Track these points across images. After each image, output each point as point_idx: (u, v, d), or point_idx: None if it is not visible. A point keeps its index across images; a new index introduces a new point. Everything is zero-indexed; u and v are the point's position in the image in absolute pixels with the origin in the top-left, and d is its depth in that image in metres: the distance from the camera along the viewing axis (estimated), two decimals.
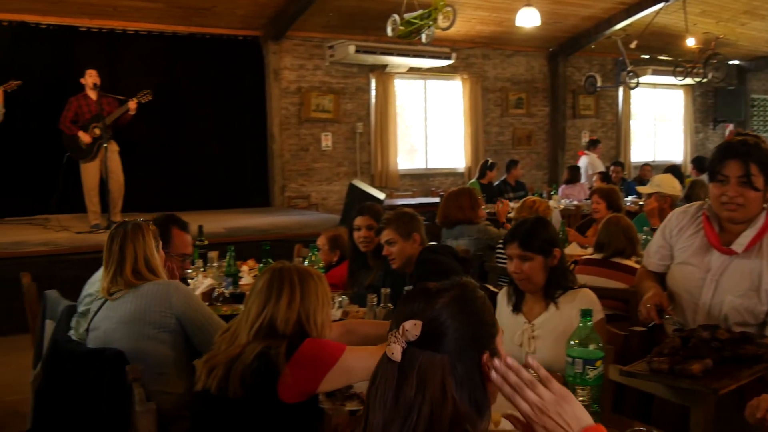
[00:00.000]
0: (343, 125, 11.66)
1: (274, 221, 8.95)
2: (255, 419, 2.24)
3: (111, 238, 3.07)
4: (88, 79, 7.97)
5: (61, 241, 7.26)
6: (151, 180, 10.00)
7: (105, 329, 2.93)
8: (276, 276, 2.39)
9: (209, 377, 2.27)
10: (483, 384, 1.40)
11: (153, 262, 3.06)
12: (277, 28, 10.67)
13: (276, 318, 2.31)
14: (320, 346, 2.30)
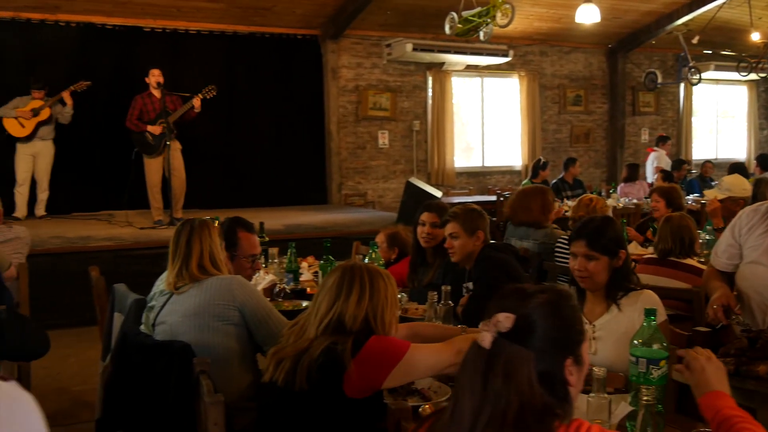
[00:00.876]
0: (399, 123, 11.70)
1: (331, 218, 9.03)
2: (319, 413, 2.28)
3: (178, 234, 3.15)
4: (152, 79, 8.17)
5: (126, 237, 7.45)
6: (212, 177, 10.18)
7: (171, 323, 3.00)
8: (347, 274, 2.43)
9: (277, 370, 2.32)
10: (565, 387, 1.45)
11: (217, 258, 3.13)
12: (336, 27, 10.75)
13: (344, 315, 2.36)
14: (386, 343, 2.34)
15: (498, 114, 12.86)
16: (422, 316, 3.48)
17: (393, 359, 2.30)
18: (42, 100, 8.48)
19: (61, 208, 9.05)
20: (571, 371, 1.46)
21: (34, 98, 8.48)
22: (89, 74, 8.96)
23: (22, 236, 4.69)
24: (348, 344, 2.28)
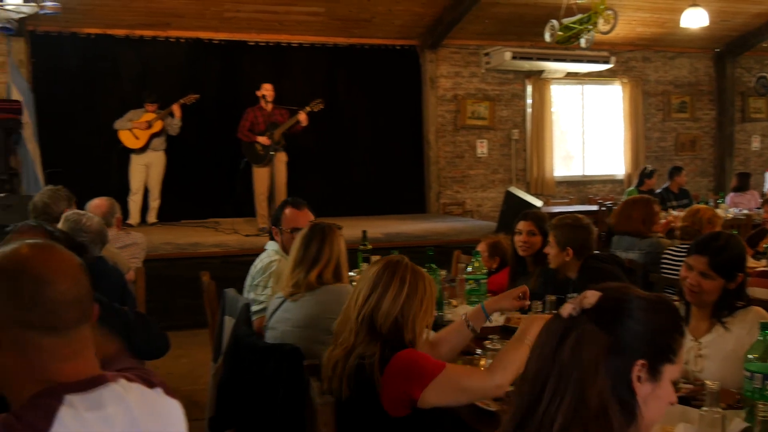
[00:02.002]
0: (498, 132, 11.65)
1: (430, 227, 9.07)
2: (363, 423, 2.32)
3: (307, 239, 3.17)
4: (263, 92, 8.46)
5: (232, 243, 7.71)
6: (313, 186, 10.36)
7: (282, 331, 3.10)
8: (389, 267, 2.40)
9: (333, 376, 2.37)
10: (631, 394, 1.34)
11: (343, 269, 3.17)
12: (434, 37, 10.81)
13: (378, 310, 2.34)
14: (416, 357, 2.29)
15: (599, 122, 12.63)
16: None
17: (425, 377, 2.23)
18: (154, 113, 8.87)
19: (171, 215, 9.42)
20: (640, 376, 1.34)
21: (147, 111, 8.87)
22: (197, 88, 9.32)
23: (139, 242, 4.93)
24: (376, 356, 2.27)
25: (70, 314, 1.36)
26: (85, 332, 1.40)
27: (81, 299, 1.38)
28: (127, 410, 1.34)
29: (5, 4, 4.61)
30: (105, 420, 1.30)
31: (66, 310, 1.35)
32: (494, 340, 3.02)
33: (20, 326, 1.33)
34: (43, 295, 1.33)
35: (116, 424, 1.31)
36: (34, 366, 1.33)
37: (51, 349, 1.34)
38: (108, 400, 1.33)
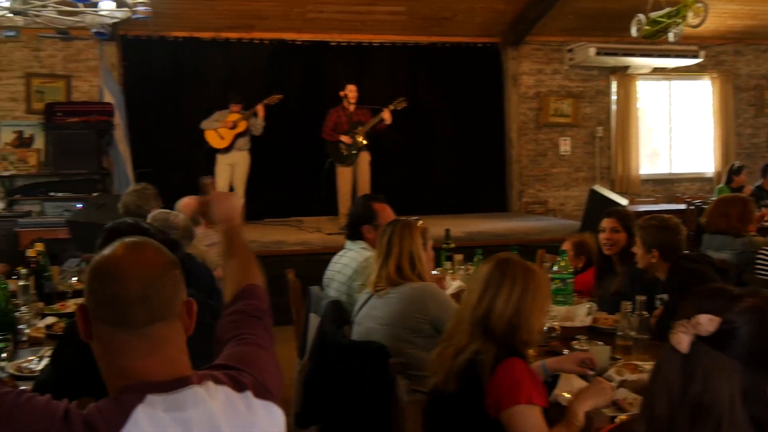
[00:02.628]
0: (582, 129, 11.45)
1: (512, 226, 8.99)
2: (466, 419, 2.30)
3: (383, 234, 3.23)
4: (347, 93, 8.54)
5: (315, 242, 7.81)
6: (395, 185, 10.38)
7: (367, 327, 3.13)
8: (500, 266, 2.36)
9: (439, 372, 2.35)
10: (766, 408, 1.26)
11: (418, 262, 3.18)
12: (516, 34, 10.70)
13: (492, 311, 2.30)
14: (516, 377, 2.22)
15: (687, 118, 12.26)
16: (613, 326, 3.42)
17: (513, 398, 2.19)
18: (239, 113, 9.05)
19: (256, 214, 9.59)
20: None
21: (232, 112, 9.06)
22: (280, 88, 9.47)
23: None
24: (490, 355, 2.25)
25: (137, 313, 1.38)
26: (162, 331, 1.41)
27: (150, 299, 1.39)
28: (207, 414, 1.35)
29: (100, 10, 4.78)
30: (182, 422, 1.32)
31: (131, 308, 1.37)
32: (582, 341, 2.97)
33: (99, 320, 1.39)
34: (109, 291, 1.38)
35: (193, 428, 1.33)
36: (114, 359, 1.38)
37: (123, 345, 1.38)
38: (189, 402, 1.35)
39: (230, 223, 2.00)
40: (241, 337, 1.62)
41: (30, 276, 4.16)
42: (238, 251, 1.96)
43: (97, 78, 9.59)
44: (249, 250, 1.97)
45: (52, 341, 3.45)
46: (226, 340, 1.63)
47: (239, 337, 1.62)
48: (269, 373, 1.56)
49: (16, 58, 9.48)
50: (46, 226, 8.24)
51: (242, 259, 1.93)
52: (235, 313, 1.73)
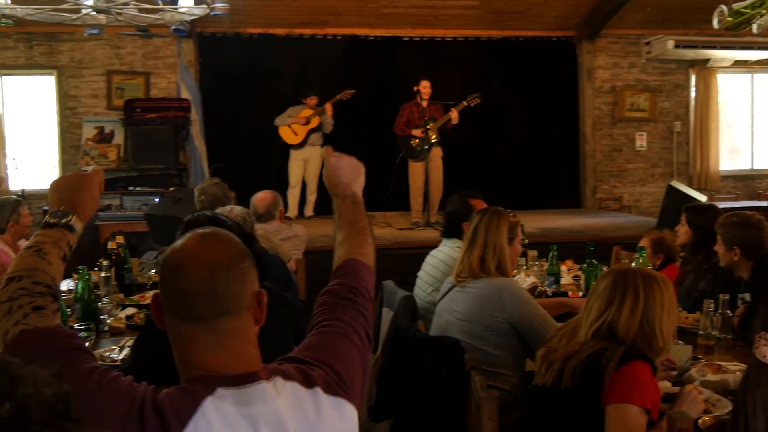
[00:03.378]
0: (659, 124, 11.17)
1: (586, 222, 8.84)
2: (580, 416, 2.26)
3: (470, 222, 3.22)
4: (421, 89, 8.53)
5: (386, 237, 7.82)
6: (466, 180, 10.30)
7: (446, 320, 3.11)
8: (620, 279, 2.33)
9: (547, 372, 2.32)
10: None
11: (501, 255, 3.14)
12: (591, 27, 10.50)
13: (616, 323, 2.27)
14: (637, 377, 2.18)
15: None
16: (693, 325, 3.33)
17: (625, 395, 2.15)
18: (312, 109, 9.13)
19: (327, 209, 9.61)
20: None
21: (306, 106, 9.14)
22: (353, 84, 9.52)
23: (300, 234, 5.08)
24: (617, 354, 2.20)
25: (202, 306, 1.37)
26: (229, 324, 1.39)
27: (216, 293, 1.38)
28: (274, 412, 1.34)
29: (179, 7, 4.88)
30: (249, 418, 1.32)
31: (195, 302, 1.37)
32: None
33: (168, 312, 1.40)
34: (175, 284, 1.38)
35: (260, 423, 1.32)
36: (183, 350, 1.39)
37: (190, 338, 1.38)
38: (257, 398, 1.34)
39: (347, 189, 1.94)
40: (323, 325, 1.60)
41: (111, 268, 4.29)
42: (348, 222, 1.90)
43: (174, 75, 9.81)
44: (362, 222, 1.89)
45: (132, 331, 3.55)
46: (311, 327, 1.62)
47: (321, 324, 1.60)
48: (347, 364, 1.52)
49: (97, 56, 9.78)
50: (125, 219, 8.48)
51: (350, 230, 1.87)
52: (327, 293, 1.69)
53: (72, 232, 1.64)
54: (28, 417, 0.73)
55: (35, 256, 1.54)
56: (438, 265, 3.96)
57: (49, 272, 1.52)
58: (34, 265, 1.52)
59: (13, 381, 0.75)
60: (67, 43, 9.67)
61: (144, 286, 4.64)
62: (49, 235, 1.60)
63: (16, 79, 9.98)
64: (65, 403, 0.77)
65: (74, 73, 9.78)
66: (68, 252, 1.61)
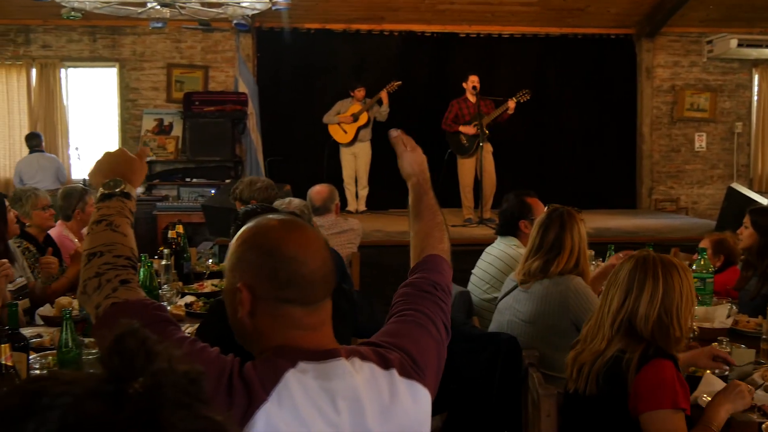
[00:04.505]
0: (719, 125, 10.93)
1: (642, 224, 8.70)
2: (609, 422, 2.23)
3: (545, 225, 3.14)
4: (470, 84, 8.47)
5: None
6: (521, 178, 10.25)
7: (508, 320, 3.10)
8: (639, 266, 2.27)
9: (579, 378, 2.28)
10: None
11: (581, 256, 3.09)
12: (652, 25, 10.33)
13: (636, 314, 2.22)
14: (662, 377, 2.15)
15: None
16: (755, 330, 3.26)
17: (655, 401, 2.11)
18: (360, 104, 9.16)
19: (380, 204, 9.69)
20: None
21: (354, 100, 9.17)
22: (407, 79, 9.53)
23: (355, 228, 5.12)
24: (635, 356, 2.16)
25: (320, 290, 1.44)
26: (329, 305, 1.48)
27: (327, 276, 1.46)
28: (351, 388, 1.38)
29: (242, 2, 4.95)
30: (327, 391, 1.35)
31: (316, 287, 1.43)
32: (724, 343, 2.86)
33: (277, 299, 1.43)
34: (297, 274, 1.41)
35: (338, 398, 1.36)
36: (280, 332, 1.43)
37: (300, 319, 1.43)
38: (335, 374, 1.38)
39: (420, 176, 1.97)
40: (401, 314, 1.64)
41: (171, 256, 4.38)
42: (424, 213, 1.92)
43: (232, 68, 9.95)
44: (436, 213, 1.92)
45: (191, 319, 3.63)
46: (389, 317, 1.66)
47: (399, 314, 1.65)
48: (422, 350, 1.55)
49: (158, 50, 9.97)
50: (181, 210, 8.63)
51: (427, 222, 1.90)
52: (408, 286, 1.74)
53: (129, 200, 1.67)
54: (160, 394, 0.73)
55: (108, 230, 1.58)
56: (494, 262, 3.95)
57: (126, 244, 1.57)
58: (112, 240, 1.56)
59: (149, 356, 0.76)
60: (129, 36, 9.88)
61: (202, 275, 4.73)
62: (111, 207, 1.63)
63: (80, 71, 10.23)
64: (197, 383, 0.78)
65: (136, 66, 9.99)
66: (132, 219, 1.66)
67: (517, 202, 4.02)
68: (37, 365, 2.73)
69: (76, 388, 0.72)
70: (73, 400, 0.70)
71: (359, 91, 9.18)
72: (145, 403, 0.72)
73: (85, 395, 0.71)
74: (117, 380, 0.73)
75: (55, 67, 9.80)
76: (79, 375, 0.75)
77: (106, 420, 0.70)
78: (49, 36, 9.86)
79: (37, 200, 4.51)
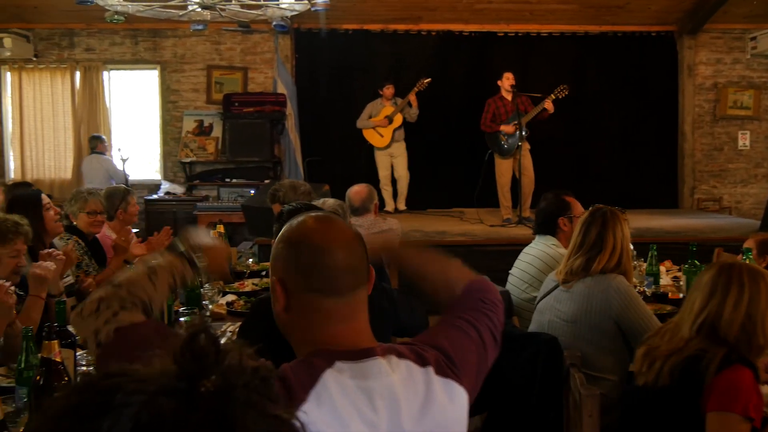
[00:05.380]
0: (763, 123, 10.73)
1: (683, 223, 8.58)
2: (678, 415, 2.21)
3: (587, 224, 3.11)
4: (505, 82, 8.43)
5: (477, 233, 7.80)
6: (558, 177, 10.16)
7: (549, 320, 3.08)
8: (724, 272, 2.26)
9: (649, 371, 2.27)
10: None
11: (625, 256, 3.06)
12: (694, 22, 10.18)
13: (719, 318, 2.21)
14: (740, 385, 2.12)
15: None
16: None
17: (727, 404, 2.09)
18: (392, 106, 9.16)
19: (418, 204, 9.70)
20: None
21: (384, 100, 9.17)
22: (444, 79, 9.55)
23: (394, 227, 5.12)
24: (717, 357, 2.14)
25: (347, 280, 1.46)
26: (362, 295, 1.50)
27: (355, 267, 1.47)
28: (388, 386, 1.39)
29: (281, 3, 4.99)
30: (365, 390, 1.37)
31: (342, 276, 1.45)
32: None
33: (306, 290, 1.45)
34: (320, 262, 1.44)
35: (375, 397, 1.37)
36: (313, 326, 1.46)
37: (331, 310, 1.45)
38: (372, 372, 1.39)
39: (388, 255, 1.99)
40: (441, 320, 1.66)
41: None
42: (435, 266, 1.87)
43: (271, 70, 10.04)
44: (439, 255, 1.88)
45: (232, 317, 3.67)
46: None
47: (441, 320, 1.66)
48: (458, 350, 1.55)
49: (198, 52, 10.09)
50: (221, 210, 8.72)
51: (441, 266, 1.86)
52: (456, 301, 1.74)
53: (193, 269, 1.71)
54: (232, 393, 0.74)
55: (145, 275, 1.61)
56: (533, 262, 3.93)
57: (150, 293, 1.59)
58: (141, 284, 1.59)
59: (220, 354, 0.77)
60: (170, 39, 10.01)
61: (242, 275, 4.78)
62: (169, 260, 1.68)
63: (122, 74, 10.40)
64: (267, 381, 0.79)
65: (176, 68, 10.12)
66: (178, 284, 1.69)
67: (555, 200, 4.01)
68: (84, 362, 2.78)
69: (150, 385, 0.73)
70: (147, 398, 0.71)
71: (388, 88, 9.19)
72: (217, 402, 0.73)
73: (159, 393, 0.72)
74: (189, 378, 0.74)
75: (98, 70, 9.98)
76: (151, 371, 0.76)
77: (179, 418, 0.71)
78: (92, 39, 10.04)
79: (85, 204, 4.60)
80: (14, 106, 10.07)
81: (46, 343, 2.17)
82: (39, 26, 9.92)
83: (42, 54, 10.04)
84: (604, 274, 3.02)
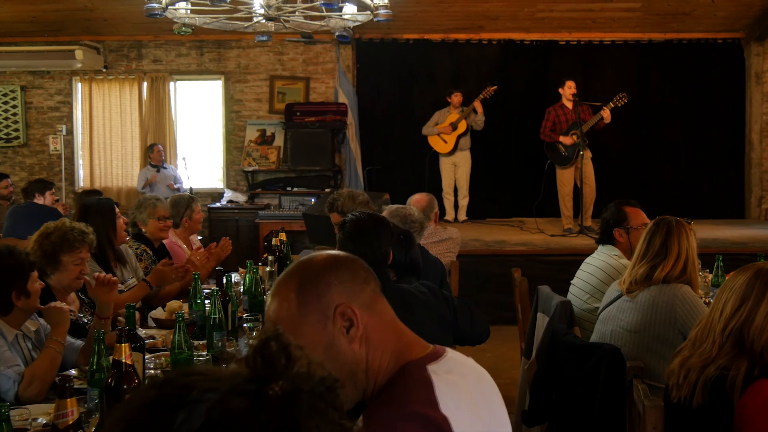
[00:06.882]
0: None
1: (751, 234, 8.37)
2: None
3: (652, 233, 3.09)
4: (567, 90, 8.36)
5: (537, 242, 7.74)
6: (622, 186, 10.04)
7: (612, 330, 3.05)
8: (761, 277, 2.13)
9: (685, 382, 2.19)
10: None
11: (690, 267, 3.03)
12: (762, 29, 9.93)
13: (749, 324, 2.10)
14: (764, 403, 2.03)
15: None
16: None
17: (761, 426, 1.99)
18: (457, 113, 9.16)
19: (479, 213, 9.67)
20: None
21: (452, 107, 9.17)
22: (506, 88, 9.50)
23: (454, 237, 5.13)
24: (740, 372, 2.06)
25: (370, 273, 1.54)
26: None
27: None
28: (471, 367, 1.49)
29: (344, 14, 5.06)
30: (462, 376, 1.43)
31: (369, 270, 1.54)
32: None
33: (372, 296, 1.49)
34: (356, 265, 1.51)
35: (469, 384, 1.43)
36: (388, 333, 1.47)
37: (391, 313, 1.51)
38: (452, 366, 1.45)
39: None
40: None
41: (275, 263, 4.51)
42: None
43: (332, 79, 10.15)
44: None
45: None
46: None
47: None
48: None
49: (261, 62, 10.27)
50: (282, 218, 8.84)
51: None
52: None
53: None
54: (298, 398, 0.79)
55: None
56: (595, 272, 3.89)
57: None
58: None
59: (290, 359, 0.82)
60: (234, 50, 10.22)
61: None
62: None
63: (188, 84, 10.65)
64: (333, 391, 0.82)
65: (240, 78, 10.31)
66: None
67: (615, 210, 3.96)
68: (152, 365, 2.87)
69: (223, 384, 0.78)
70: (219, 396, 0.77)
71: (455, 96, 9.19)
72: (284, 404, 0.78)
73: (230, 392, 0.77)
74: (259, 380, 0.79)
75: (164, 81, 10.23)
76: (225, 372, 0.81)
77: (248, 417, 0.76)
78: (159, 51, 10.30)
79: (154, 210, 4.73)
80: (84, 115, 10.39)
81: (117, 346, 2.25)
82: (109, 38, 10.23)
83: (111, 65, 10.35)
84: (668, 282, 2.98)
